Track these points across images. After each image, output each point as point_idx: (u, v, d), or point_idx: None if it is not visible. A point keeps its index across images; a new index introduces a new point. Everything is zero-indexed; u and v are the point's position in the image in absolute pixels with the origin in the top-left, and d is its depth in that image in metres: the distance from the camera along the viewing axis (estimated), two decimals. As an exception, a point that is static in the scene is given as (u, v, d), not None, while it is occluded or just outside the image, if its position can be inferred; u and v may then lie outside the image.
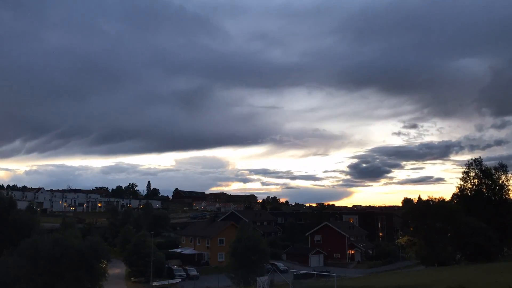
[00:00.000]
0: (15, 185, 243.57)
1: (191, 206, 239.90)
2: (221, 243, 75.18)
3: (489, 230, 56.36)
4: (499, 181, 67.39)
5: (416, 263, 69.13)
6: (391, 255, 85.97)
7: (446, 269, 49.20)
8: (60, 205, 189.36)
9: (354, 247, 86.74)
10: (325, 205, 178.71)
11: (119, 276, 61.34)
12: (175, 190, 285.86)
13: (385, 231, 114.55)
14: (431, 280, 37.31)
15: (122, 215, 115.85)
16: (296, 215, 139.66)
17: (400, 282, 39.50)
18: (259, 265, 46.25)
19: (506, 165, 68.07)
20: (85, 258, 36.87)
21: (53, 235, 40.45)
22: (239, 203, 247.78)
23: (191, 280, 58.61)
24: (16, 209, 57.59)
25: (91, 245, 38.47)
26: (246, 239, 46.14)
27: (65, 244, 36.66)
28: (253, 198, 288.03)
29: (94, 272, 37.80)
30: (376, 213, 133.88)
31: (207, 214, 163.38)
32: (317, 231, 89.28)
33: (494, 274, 37.19)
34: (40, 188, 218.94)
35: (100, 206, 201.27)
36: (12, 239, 47.72)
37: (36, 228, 54.22)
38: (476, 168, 69.14)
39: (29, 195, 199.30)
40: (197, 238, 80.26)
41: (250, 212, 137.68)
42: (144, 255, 56.93)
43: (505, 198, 67.03)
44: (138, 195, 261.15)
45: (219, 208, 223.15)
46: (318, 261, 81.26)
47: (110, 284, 47.09)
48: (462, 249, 59.40)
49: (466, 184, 69.67)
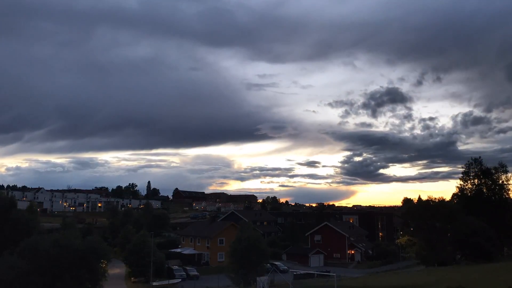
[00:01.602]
0: (15, 185, 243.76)
1: (191, 206, 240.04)
2: (221, 243, 75.17)
3: (489, 230, 56.41)
4: (499, 181, 67.47)
5: (416, 263, 69.12)
6: (391, 255, 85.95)
7: (446, 269, 49.19)
8: (60, 205, 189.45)
9: (354, 247, 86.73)
10: (325, 205, 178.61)
11: (119, 276, 61.35)
12: (175, 190, 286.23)
13: (385, 231, 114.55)
14: (431, 280, 37.33)
15: (122, 215, 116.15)
16: (296, 215, 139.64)
17: (400, 282, 39.57)
18: (259, 265, 46.27)
19: (506, 165, 68.23)
20: (85, 258, 36.87)
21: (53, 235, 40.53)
22: (239, 203, 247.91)
23: (191, 280, 58.62)
24: (16, 209, 57.60)
25: (91, 245, 38.48)
26: (246, 239, 46.13)
27: (65, 244, 36.67)
28: (253, 198, 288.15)
29: (94, 272, 37.81)
30: (376, 213, 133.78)
31: (207, 214, 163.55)
32: (317, 231, 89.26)
33: (494, 274, 37.22)
34: (40, 188, 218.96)
35: (100, 206, 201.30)
36: (12, 239, 47.66)
37: (37, 228, 54.29)
38: (476, 168, 69.19)
39: (29, 195, 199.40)
40: (197, 238, 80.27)
41: (250, 212, 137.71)
42: (144, 255, 56.97)
43: (505, 198, 67.11)
44: (138, 195, 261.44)
45: (219, 208, 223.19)
46: (318, 261, 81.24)
47: (110, 284, 47.08)
48: (462, 249, 59.45)
49: (466, 184, 69.77)
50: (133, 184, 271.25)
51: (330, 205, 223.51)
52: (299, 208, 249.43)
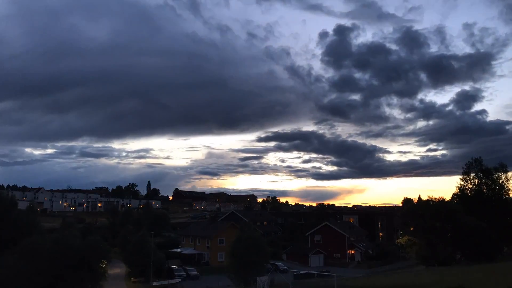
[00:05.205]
0: (15, 185, 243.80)
1: (191, 206, 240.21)
2: (221, 243, 75.17)
3: (489, 230, 56.39)
4: (499, 181, 67.39)
5: (416, 263, 69.05)
6: (391, 255, 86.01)
7: (446, 269, 49.18)
8: (60, 205, 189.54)
9: (354, 247, 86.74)
10: (325, 205, 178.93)
11: (119, 276, 61.38)
12: (175, 190, 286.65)
13: (385, 231, 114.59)
14: (431, 280, 37.31)
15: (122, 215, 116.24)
16: (296, 215, 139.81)
17: (400, 282, 39.59)
18: (259, 265, 46.21)
19: (506, 165, 68.15)
20: (85, 258, 36.92)
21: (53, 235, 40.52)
22: (239, 203, 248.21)
23: (191, 280, 58.62)
24: (17, 209, 57.62)
25: (91, 245, 38.53)
26: (246, 239, 46.09)
27: (65, 244, 36.70)
28: (253, 198, 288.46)
29: (94, 272, 37.85)
30: (376, 213, 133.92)
31: (207, 214, 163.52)
32: (317, 231, 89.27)
33: (494, 274, 37.22)
34: (40, 188, 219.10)
35: (100, 206, 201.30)
36: (13, 239, 47.68)
37: (37, 228, 54.27)
38: (476, 168, 69.17)
39: (29, 195, 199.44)
40: (197, 238, 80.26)
41: (250, 212, 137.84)
42: (144, 255, 56.98)
43: (505, 198, 67.03)
44: (138, 195, 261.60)
45: (219, 208, 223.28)
46: (318, 261, 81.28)
47: (110, 284, 47.13)
48: (462, 249, 59.44)
49: (466, 184, 69.71)
50: (133, 184, 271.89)
51: (330, 205, 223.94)
52: (299, 208, 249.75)
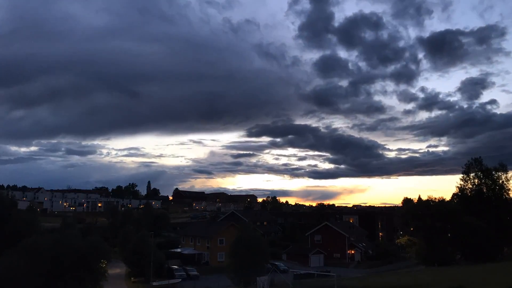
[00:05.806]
0: (15, 185, 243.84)
1: (191, 206, 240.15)
2: (221, 243, 75.14)
3: (489, 230, 56.41)
4: (499, 181, 67.39)
5: (416, 263, 69.08)
6: (391, 255, 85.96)
7: (446, 269, 49.21)
8: (60, 205, 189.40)
9: (354, 247, 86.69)
10: (325, 205, 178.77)
11: (119, 276, 61.37)
12: (175, 190, 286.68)
13: (385, 231, 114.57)
14: (431, 280, 37.35)
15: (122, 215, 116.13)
16: (296, 215, 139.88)
17: (400, 282, 39.61)
18: (259, 265, 46.20)
19: (506, 165, 68.16)
20: (85, 258, 36.86)
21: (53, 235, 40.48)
22: (239, 203, 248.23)
23: (191, 280, 58.60)
24: (17, 209, 57.66)
25: (91, 245, 38.47)
26: (246, 239, 46.10)
27: (65, 244, 36.67)
28: (253, 198, 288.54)
29: (94, 272, 37.81)
30: (376, 213, 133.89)
31: (207, 214, 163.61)
32: (317, 231, 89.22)
33: (494, 274, 37.25)
34: (40, 188, 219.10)
35: (100, 206, 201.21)
36: (13, 239, 47.67)
37: (37, 228, 54.27)
38: (476, 168, 69.17)
39: (29, 195, 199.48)
40: (197, 238, 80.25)
41: (250, 212, 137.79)
42: (144, 255, 56.95)
43: (505, 198, 67.04)
44: (138, 195, 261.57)
45: (219, 208, 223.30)
46: (318, 261, 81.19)
47: (110, 284, 47.07)
48: (462, 249, 59.49)
49: (466, 184, 69.71)
50: (133, 184, 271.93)
51: (330, 205, 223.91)
52: (299, 208, 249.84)
